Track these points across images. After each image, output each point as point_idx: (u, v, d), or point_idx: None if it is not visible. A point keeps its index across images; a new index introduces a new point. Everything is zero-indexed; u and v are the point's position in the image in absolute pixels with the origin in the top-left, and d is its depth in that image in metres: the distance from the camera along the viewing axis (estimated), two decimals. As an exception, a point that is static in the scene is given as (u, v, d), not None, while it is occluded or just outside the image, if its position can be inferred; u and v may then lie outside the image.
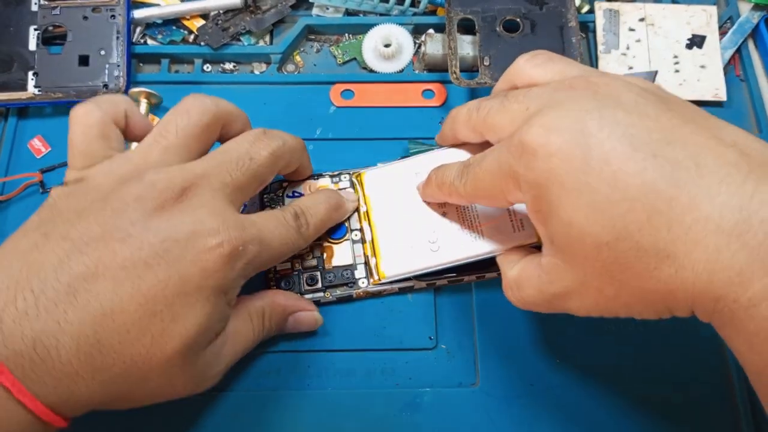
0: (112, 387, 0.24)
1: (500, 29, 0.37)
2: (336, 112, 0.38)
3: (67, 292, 0.23)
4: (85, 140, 0.27)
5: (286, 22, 0.42)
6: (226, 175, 0.27)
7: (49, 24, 0.38)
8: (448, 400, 0.31)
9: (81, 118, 0.28)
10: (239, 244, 0.26)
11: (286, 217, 0.29)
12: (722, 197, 0.20)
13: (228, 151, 0.28)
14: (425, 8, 0.41)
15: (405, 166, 0.34)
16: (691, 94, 0.39)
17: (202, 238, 0.25)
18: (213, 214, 0.26)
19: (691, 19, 0.40)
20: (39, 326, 0.23)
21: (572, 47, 0.36)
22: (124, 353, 0.24)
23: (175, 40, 0.40)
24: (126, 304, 0.24)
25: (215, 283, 0.26)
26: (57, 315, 0.23)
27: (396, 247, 0.32)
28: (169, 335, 0.24)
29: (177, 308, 0.25)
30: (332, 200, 0.32)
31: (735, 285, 0.20)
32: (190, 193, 0.26)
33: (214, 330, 0.27)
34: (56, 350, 0.23)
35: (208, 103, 0.29)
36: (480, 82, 0.36)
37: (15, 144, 0.37)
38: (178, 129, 0.28)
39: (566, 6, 0.37)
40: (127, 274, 0.24)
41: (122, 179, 0.26)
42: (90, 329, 0.23)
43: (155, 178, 0.26)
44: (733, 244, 0.20)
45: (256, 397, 0.31)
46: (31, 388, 0.23)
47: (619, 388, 0.32)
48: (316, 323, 0.32)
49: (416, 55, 0.40)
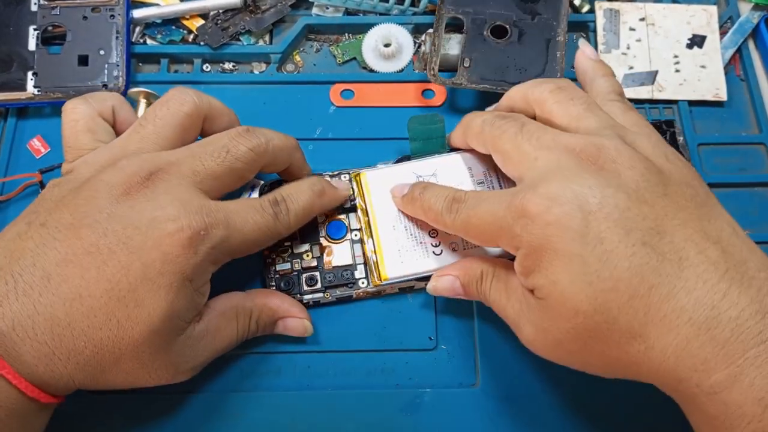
0: (87, 368, 0.25)
1: (487, 33, 0.37)
2: (336, 112, 0.38)
3: (41, 276, 0.25)
4: (72, 134, 0.29)
5: (286, 22, 0.41)
6: (198, 163, 0.28)
7: (48, 24, 0.38)
8: (448, 401, 0.31)
9: (68, 113, 0.30)
10: (200, 228, 0.26)
11: (263, 203, 0.29)
12: (698, 293, 0.22)
13: (205, 143, 0.29)
14: (425, 8, 0.41)
15: (407, 168, 0.34)
16: (692, 94, 0.39)
17: (161, 224, 0.26)
18: (175, 199, 0.26)
19: (691, 19, 0.40)
20: (17, 308, 0.24)
21: (555, 62, 0.36)
22: (94, 337, 0.25)
23: (175, 39, 0.40)
24: (92, 288, 0.25)
25: (178, 269, 0.26)
26: (33, 298, 0.24)
27: (398, 248, 0.32)
28: (134, 320, 0.25)
29: (140, 294, 0.25)
30: (316, 187, 0.32)
31: (699, 372, 0.22)
32: (156, 179, 0.27)
33: (183, 317, 0.27)
34: (33, 331, 0.24)
35: (189, 94, 0.30)
36: (456, 82, 0.36)
37: (14, 144, 0.37)
38: (156, 118, 0.29)
39: (558, 20, 0.37)
40: (93, 260, 0.25)
41: (101, 167, 0.28)
42: (61, 312, 0.24)
43: (126, 163, 0.27)
44: (702, 336, 0.22)
45: (256, 397, 0.31)
46: (13, 365, 0.24)
47: (619, 387, 0.32)
48: (305, 331, 0.31)
49: (416, 55, 0.40)
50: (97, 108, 0.30)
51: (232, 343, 0.30)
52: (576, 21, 0.41)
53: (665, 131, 0.36)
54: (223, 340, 0.29)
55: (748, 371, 0.21)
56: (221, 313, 0.29)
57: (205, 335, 0.28)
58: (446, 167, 0.33)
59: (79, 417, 0.30)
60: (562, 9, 0.38)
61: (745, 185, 0.37)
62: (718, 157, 0.37)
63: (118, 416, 0.31)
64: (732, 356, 0.21)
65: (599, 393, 0.31)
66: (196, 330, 0.28)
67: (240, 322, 0.30)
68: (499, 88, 0.36)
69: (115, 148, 0.29)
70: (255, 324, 0.30)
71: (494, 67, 0.36)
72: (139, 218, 0.26)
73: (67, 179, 0.28)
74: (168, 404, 0.31)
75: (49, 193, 0.28)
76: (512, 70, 0.36)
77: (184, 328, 0.27)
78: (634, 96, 0.38)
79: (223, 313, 0.29)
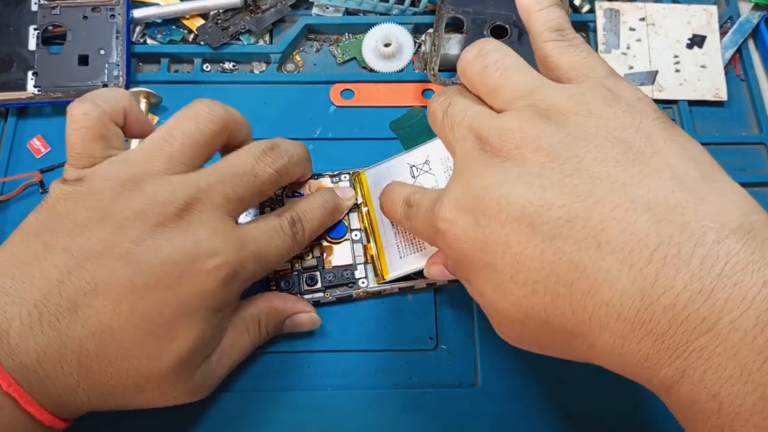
0: (110, 397, 0.25)
1: (487, 33, 0.37)
2: (336, 111, 0.38)
3: (68, 307, 0.23)
4: (82, 141, 0.26)
5: (286, 22, 0.41)
6: (229, 190, 0.27)
7: (48, 24, 0.38)
8: (448, 401, 0.31)
9: (79, 118, 0.27)
10: (237, 265, 0.26)
11: (283, 225, 0.29)
12: (623, 282, 0.19)
13: (232, 165, 0.28)
14: (425, 8, 0.41)
15: (401, 160, 0.34)
16: (692, 94, 0.39)
17: (201, 261, 0.25)
18: (213, 233, 0.26)
19: (691, 19, 0.40)
20: (43, 341, 0.23)
21: None
22: (121, 368, 0.24)
23: (175, 39, 0.40)
24: (124, 322, 0.24)
25: (213, 304, 0.26)
26: (60, 330, 0.23)
27: (397, 245, 0.32)
28: (164, 352, 0.25)
29: (174, 327, 0.25)
30: (329, 205, 0.32)
31: (645, 368, 0.20)
32: (191, 209, 0.26)
33: (210, 346, 0.27)
34: (59, 364, 0.23)
35: (218, 110, 0.28)
36: (456, 82, 0.36)
37: (15, 144, 0.37)
38: (184, 136, 0.27)
39: None
40: (127, 294, 0.24)
41: (123, 185, 0.25)
42: (91, 345, 0.24)
43: (157, 191, 0.25)
44: (638, 332, 0.19)
45: (256, 397, 0.31)
46: (35, 397, 0.23)
47: (619, 388, 0.32)
48: (314, 324, 0.32)
49: (416, 55, 0.40)
50: (110, 112, 0.27)
51: (246, 353, 0.30)
52: (576, 21, 0.41)
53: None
54: (237, 353, 0.29)
55: (696, 366, 0.18)
56: (232, 328, 0.29)
57: (220, 356, 0.28)
58: (437, 151, 0.33)
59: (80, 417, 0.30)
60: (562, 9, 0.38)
61: (745, 185, 0.36)
62: (718, 157, 0.37)
63: (118, 416, 0.31)
64: (675, 350, 0.19)
65: (599, 393, 0.31)
66: (215, 353, 0.28)
67: (251, 331, 0.30)
68: (499, 88, 0.36)
69: (137, 165, 0.26)
70: (265, 329, 0.30)
71: (494, 67, 0.36)
72: (178, 253, 0.25)
73: (80, 192, 0.26)
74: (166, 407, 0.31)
75: (62, 208, 0.25)
76: (512, 70, 0.36)
77: (210, 355, 0.27)
78: (634, 96, 0.39)
79: (234, 327, 0.29)
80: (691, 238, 0.19)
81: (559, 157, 0.21)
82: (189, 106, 0.28)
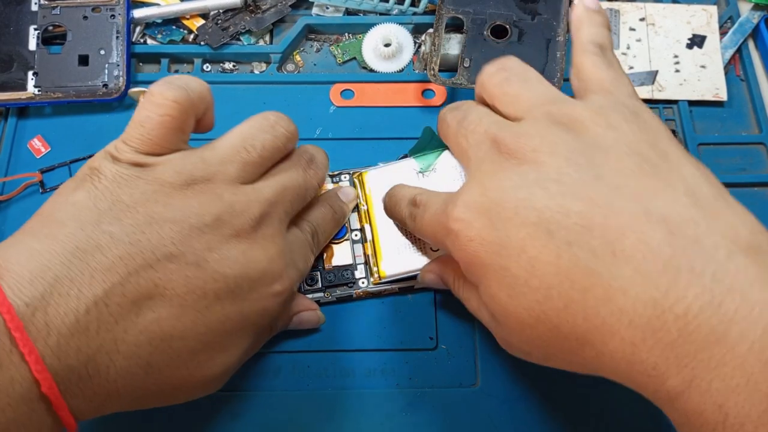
0: (139, 402, 0.24)
1: (487, 33, 0.37)
2: (336, 111, 0.38)
3: (130, 309, 0.21)
4: (161, 129, 0.24)
5: (286, 22, 0.41)
6: (288, 204, 0.27)
7: (48, 24, 0.38)
8: (448, 401, 0.31)
9: (165, 104, 0.24)
10: (293, 287, 0.27)
11: (307, 238, 0.30)
12: (636, 290, 0.19)
13: (292, 178, 0.28)
14: (425, 8, 0.41)
15: (407, 165, 0.34)
16: (692, 94, 0.39)
17: (269, 282, 0.25)
18: (280, 252, 0.26)
19: (691, 19, 0.40)
20: (97, 343, 0.21)
21: (555, 62, 0.36)
22: (167, 375, 0.23)
23: (175, 39, 0.40)
24: (186, 332, 0.23)
25: (267, 321, 0.27)
26: (116, 333, 0.21)
27: (397, 246, 0.32)
28: (214, 363, 0.25)
29: (229, 341, 0.25)
30: (338, 216, 0.32)
31: (653, 377, 0.20)
32: (263, 224, 0.25)
33: (250, 354, 0.28)
34: (106, 369, 0.21)
35: (293, 128, 0.28)
36: (456, 82, 0.36)
37: (15, 144, 0.37)
38: (264, 148, 0.26)
39: (558, 20, 0.37)
40: (195, 303, 0.23)
41: (194, 184, 0.24)
42: (145, 351, 0.22)
43: (234, 200, 0.24)
44: (648, 340, 0.19)
45: (256, 397, 0.31)
46: (70, 402, 0.21)
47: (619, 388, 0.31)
48: (318, 321, 0.32)
49: (416, 55, 0.40)
50: (197, 108, 0.26)
51: (252, 353, 0.30)
52: (576, 21, 0.41)
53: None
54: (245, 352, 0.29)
55: (703, 375, 0.18)
56: None
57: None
58: (446, 161, 0.33)
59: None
60: (562, 9, 0.38)
61: (745, 185, 0.37)
62: (718, 157, 0.37)
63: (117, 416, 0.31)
64: (683, 359, 0.19)
65: (599, 393, 0.31)
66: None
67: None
68: (499, 88, 0.36)
69: (213, 166, 0.25)
70: (275, 327, 0.30)
71: (494, 67, 0.36)
72: (252, 269, 0.24)
73: (144, 180, 0.23)
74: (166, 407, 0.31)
75: (127, 196, 0.23)
76: (512, 70, 0.36)
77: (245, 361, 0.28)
78: (634, 96, 0.39)
79: None
80: (702, 252, 0.19)
81: (577, 164, 0.22)
82: (266, 117, 0.27)
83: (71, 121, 0.38)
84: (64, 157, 0.36)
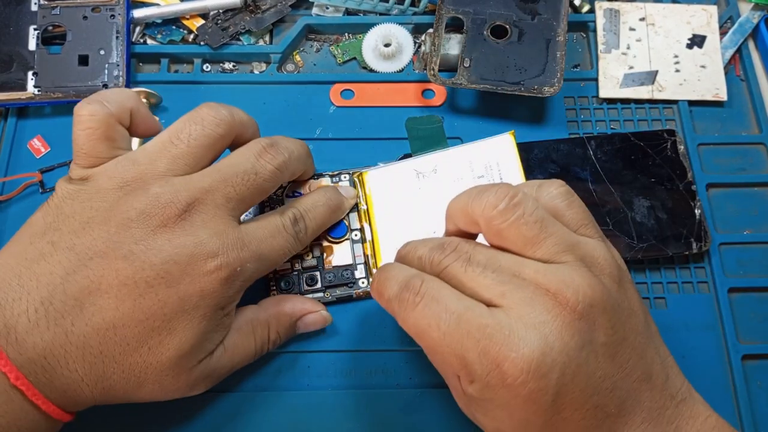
0: (111, 391, 0.26)
1: (487, 33, 0.37)
2: (336, 111, 0.38)
3: (73, 305, 0.24)
4: (89, 142, 0.27)
5: (286, 22, 0.41)
6: (231, 190, 0.27)
7: (48, 24, 0.38)
8: (448, 400, 0.31)
9: (85, 119, 0.27)
10: (238, 266, 0.26)
11: (285, 224, 0.29)
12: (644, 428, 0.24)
13: (233, 164, 0.28)
14: (425, 8, 0.41)
15: (407, 165, 0.34)
16: (692, 94, 0.39)
17: (201, 262, 0.26)
18: (214, 234, 0.26)
19: (691, 19, 0.40)
20: (49, 337, 0.24)
21: (555, 62, 0.36)
22: (123, 363, 0.25)
23: (175, 39, 0.40)
24: (127, 319, 0.25)
25: (213, 302, 0.26)
26: (65, 326, 0.24)
27: (397, 246, 0.32)
28: (166, 346, 0.25)
29: (175, 324, 0.25)
30: (332, 202, 0.32)
31: None
32: (193, 210, 0.26)
33: (212, 341, 0.27)
34: (65, 359, 0.24)
35: (224, 113, 0.28)
36: (456, 82, 0.36)
37: (15, 144, 0.37)
38: (190, 138, 0.27)
39: (558, 20, 0.37)
40: (129, 292, 0.25)
41: (127, 185, 0.26)
42: (94, 341, 0.24)
43: (160, 192, 0.26)
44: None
45: (256, 397, 0.31)
46: (42, 390, 0.24)
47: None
48: (325, 322, 0.32)
49: (416, 55, 0.40)
50: (116, 113, 0.28)
51: (251, 357, 0.30)
52: (576, 21, 0.41)
53: (666, 140, 0.36)
54: (240, 355, 0.29)
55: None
56: (237, 330, 0.29)
57: (223, 353, 0.28)
58: (446, 162, 0.33)
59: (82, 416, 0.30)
60: (562, 9, 0.38)
61: (745, 185, 0.37)
62: (718, 157, 0.37)
63: (118, 415, 0.31)
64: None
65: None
66: (216, 350, 0.28)
67: (258, 336, 0.30)
68: (499, 88, 0.36)
69: (142, 165, 0.26)
70: (276, 334, 0.30)
71: (494, 67, 0.36)
72: (179, 253, 0.25)
73: (85, 191, 0.26)
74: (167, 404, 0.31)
75: (68, 208, 0.26)
76: (512, 70, 0.36)
77: (212, 350, 0.28)
78: (634, 96, 0.38)
79: (239, 329, 0.29)
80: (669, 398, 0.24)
81: (614, 328, 0.23)
82: (195, 110, 0.28)
83: (71, 121, 0.37)
84: (64, 157, 0.37)
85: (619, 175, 0.35)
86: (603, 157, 0.35)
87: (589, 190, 0.34)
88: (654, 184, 0.35)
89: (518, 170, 0.33)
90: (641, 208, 0.34)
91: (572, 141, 0.36)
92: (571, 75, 0.39)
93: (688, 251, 0.34)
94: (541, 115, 0.38)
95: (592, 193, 0.34)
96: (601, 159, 0.35)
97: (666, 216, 0.34)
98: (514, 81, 0.36)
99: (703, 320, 0.33)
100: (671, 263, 0.34)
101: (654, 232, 0.34)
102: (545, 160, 0.35)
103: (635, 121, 0.38)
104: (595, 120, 0.38)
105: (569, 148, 0.36)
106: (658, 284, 0.34)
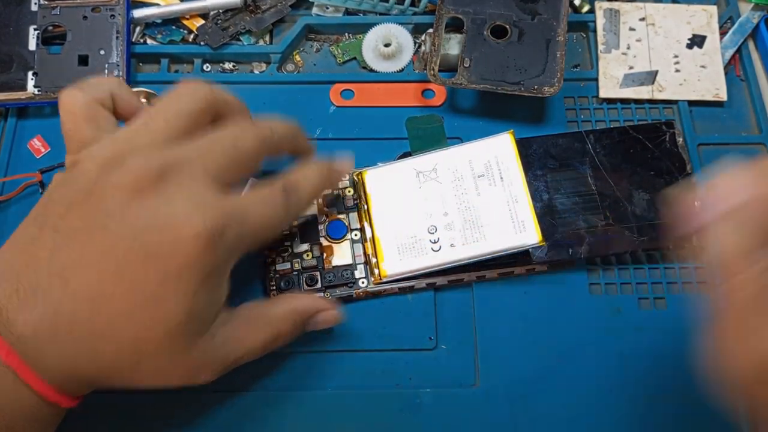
0: (108, 371, 0.26)
1: (487, 33, 0.37)
2: (336, 111, 0.38)
3: (59, 282, 0.24)
4: (73, 125, 0.28)
5: (286, 22, 0.41)
6: (208, 160, 0.27)
7: (48, 24, 0.38)
8: (448, 401, 0.31)
9: (65, 104, 0.28)
10: (217, 229, 0.26)
11: (273, 195, 0.29)
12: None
13: (213, 138, 0.28)
14: (425, 8, 0.41)
15: (407, 164, 0.34)
16: (692, 94, 0.39)
17: (177, 227, 0.25)
18: (189, 200, 0.26)
19: (691, 19, 0.40)
20: (38, 314, 0.24)
21: (555, 62, 0.36)
22: (115, 338, 0.25)
23: (175, 39, 0.40)
24: (112, 290, 0.24)
25: (197, 270, 0.25)
26: (52, 303, 0.24)
27: (397, 246, 0.32)
28: (156, 321, 0.25)
29: (161, 295, 0.25)
30: (324, 172, 0.31)
31: None
32: (167, 179, 0.26)
33: (205, 315, 0.27)
34: (54, 334, 0.24)
35: (202, 89, 0.29)
36: (455, 82, 0.36)
37: (14, 144, 0.37)
38: (168, 113, 0.28)
39: (558, 20, 0.37)
40: (109, 263, 0.25)
41: (107, 162, 0.26)
42: (82, 314, 0.24)
43: (132, 162, 0.26)
44: None
45: (257, 397, 0.31)
46: (35, 368, 0.24)
47: (619, 388, 0.32)
48: (335, 321, 0.31)
49: (416, 55, 0.40)
50: (95, 96, 0.28)
51: (259, 351, 0.29)
52: (576, 21, 0.41)
53: (665, 132, 0.36)
54: (247, 347, 0.29)
55: None
56: (246, 322, 0.29)
57: (228, 342, 0.28)
58: (446, 161, 0.33)
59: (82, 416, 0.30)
60: (562, 9, 0.38)
61: (745, 185, 0.37)
62: (718, 157, 0.37)
63: (118, 416, 0.31)
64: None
65: (599, 394, 0.31)
66: (218, 335, 0.27)
67: (267, 331, 0.29)
68: (499, 88, 0.36)
69: (121, 142, 0.27)
70: (287, 330, 0.30)
71: (494, 67, 0.36)
72: (154, 220, 0.25)
73: (72, 176, 0.27)
74: (166, 404, 0.31)
75: (57, 194, 0.26)
76: (512, 70, 0.36)
77: (207, 326, 0.27)
78: (634, 96, 0.38)
79: (248, 322, 0.29)
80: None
81: None
82: (176, 86, 0.29)
83: (71, 121, 0.38)
84: (63, 157, 0.36)
85: (618, 169, 0.35)
86: (602, 151, 0.35)
87: (588, 185, 0.34)
88: (653, 176, 0.35)
89: (518, 169, 0.33)
90: (641, 202, 0.34)
91: (571, 135, 0.36)
92: (571, 75, 0.39)
93: (689, 244, 0.33)
94: (541, 115, 0.38)
95: (592, 187, 0.34)
96: (600, 153, 0.35)
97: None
98: (514, 81, 0.36)
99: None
100: (672, 263, 0.34)
101: (654, 225, 0.34)
102: (544, 155, 0.35)
103: (635, 121, 0.38)
104: (595, 120, 0.38)
105: (568, 143, 0.36)
106: (658, 284, 0.34)
